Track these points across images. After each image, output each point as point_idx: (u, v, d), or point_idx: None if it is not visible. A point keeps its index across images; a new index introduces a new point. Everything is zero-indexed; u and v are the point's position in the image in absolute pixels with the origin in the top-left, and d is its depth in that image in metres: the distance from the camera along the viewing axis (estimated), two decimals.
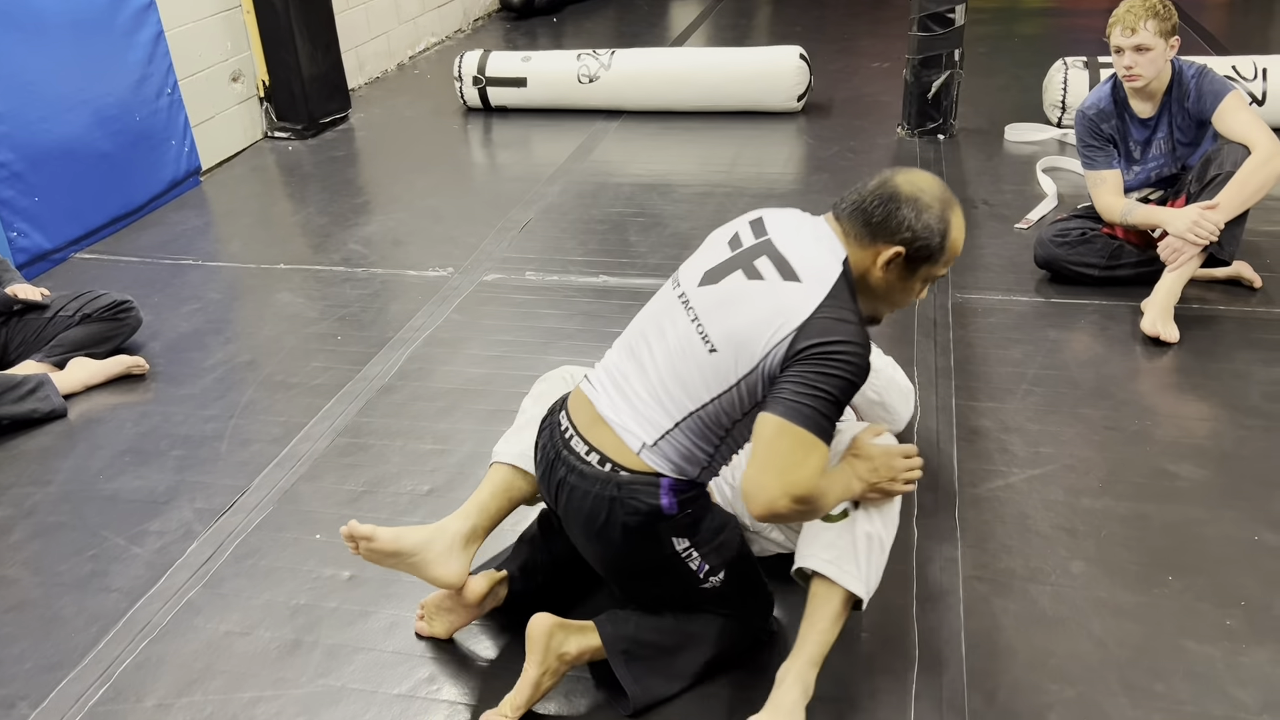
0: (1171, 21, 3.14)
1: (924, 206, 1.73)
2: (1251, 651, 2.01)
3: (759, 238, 1.82)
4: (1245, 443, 2.64)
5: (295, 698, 2.03)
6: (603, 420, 1.83)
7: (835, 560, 1.83)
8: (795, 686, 1.83)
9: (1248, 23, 7.23)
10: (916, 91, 4.91)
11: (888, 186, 1.75)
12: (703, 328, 1.77)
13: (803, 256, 1.75)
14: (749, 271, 1.78)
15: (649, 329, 1.87)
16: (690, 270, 1.88)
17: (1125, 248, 3.41)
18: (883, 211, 1.73)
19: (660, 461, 1.79)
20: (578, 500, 1.84)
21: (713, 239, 1.93)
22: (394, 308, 3.58)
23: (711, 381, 1.75)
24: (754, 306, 1.73)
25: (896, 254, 1.73)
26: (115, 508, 2.63)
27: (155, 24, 4.48)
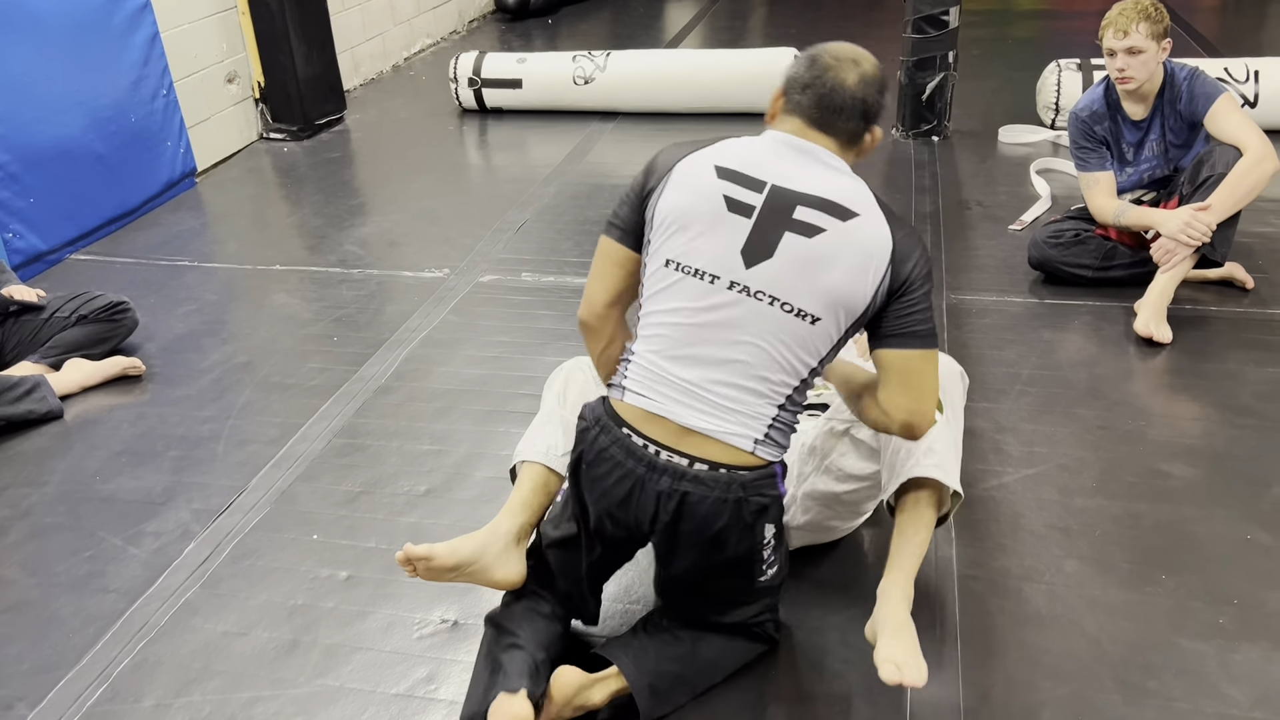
0: (1164, 24, 3.16)
1: (884, 82, 1.82)
2: (1243, 649, 2.02)
3: (761, 190, 1.72)
4: (1237, 442, 2.65)
5: (293, 697, 2.04)
6: (695, 433, 1.74)
7: (940, 464, 1.95)
8: (901, 601, 1.87)
9: (1240, 25, 7.27)
10: (911, 93, 4.93)
11: (868, 78, 1.77)
12: (790, 304, 1.70)
13: (833, 186, 1.73)
14: (798, 228, 1.70)
15: (705, 331, 1.74)
16: (715, 255, 1.72)
17: (1119, 249, 3.43)
18: (876, 102, 1.78)
19: (772, 450, 1.78)
20: (695, 505, 1.74)
21: (699, 213, 1.74)
22: (390, 309, 3.58)
23: (821, 347, 1.74)
24: (839, 260, 1.69)
25: (881, 133, 1.84)
26: (112, 508, 2.64)
27: (151, 25, 4.49)
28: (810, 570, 2.26)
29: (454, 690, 2.04)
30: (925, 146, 4.89)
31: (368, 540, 2.47)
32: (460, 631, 2.18)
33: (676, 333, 1.76)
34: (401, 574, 2.33)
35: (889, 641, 1.79)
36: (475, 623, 2.20)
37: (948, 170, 4.59)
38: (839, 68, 1.76)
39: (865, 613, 2.13)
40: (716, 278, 1.72)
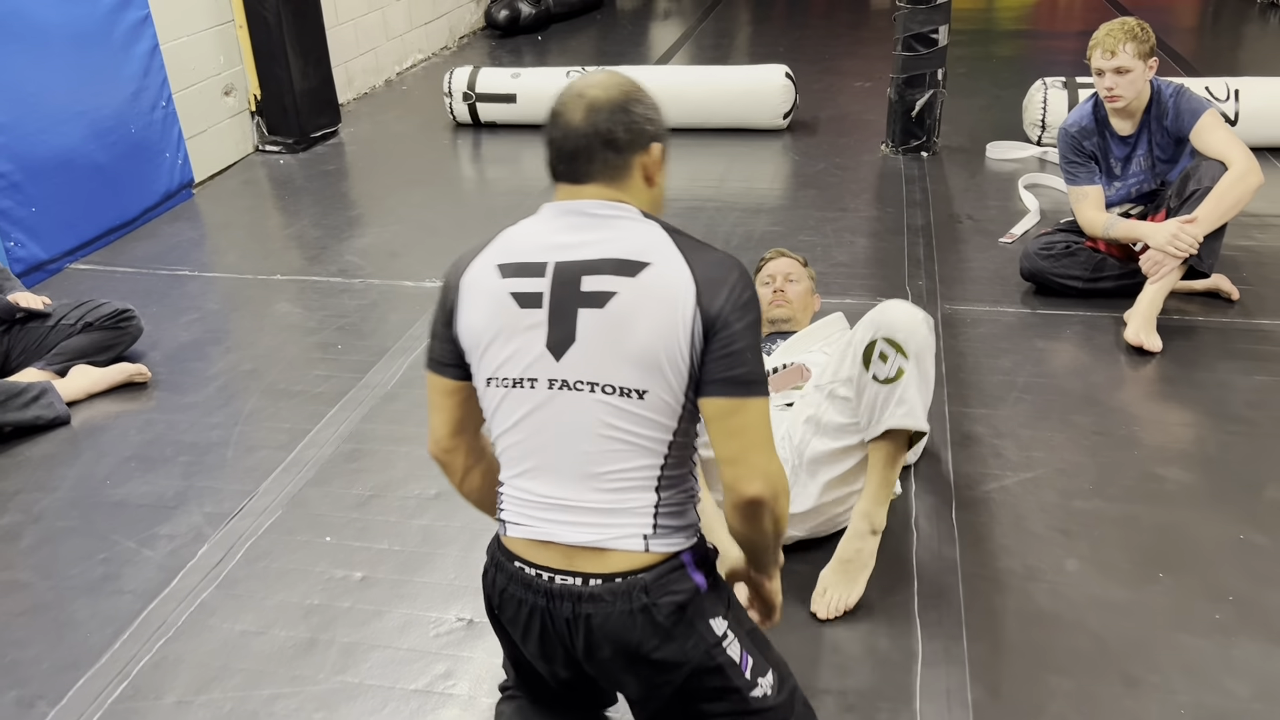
0: (1149, 44, 3.25)
1: (636, 94, 1.54)
2: (1242, 644, 2.09)
3: (543, 274, 1.51)
4: (1229, 448, 2.73)
5: (313, 694, 2.07)
6: (580, 550, 1.53)
7: (910, 412, 2.11)
8: (863, 521, 2.11)
9: (1218, 45, 7.44)
10: (900, 110, 5.02)
11: (601, 105, 1.51)
12: (611, 386, 1.49)
13: (614, 241, 1.50)
14: (589, 300, 1.48)
15: (544, 439, 1.54)
16: (523, 358, 1.53)
17: (1108, 261, 3.51)
18: (624, 126, 1.51)
19: (670, 539, 1.55)
20: (601, 627, 1.53)
21: (490, 325, 1.54)
22: (393, 317, 3.62)
23: (663, 419, 1.50)
24: (639, 320, 1.47)
25: (660, 150, 1.56)
26: (124, 512, 2.66)
27: (151, 38, 4.52)
28: (819, 562, 2.30)
29: (471, 686, 2.07)
30: (915, 162, 4.97)
31: (380, 542, 2.50)
32: (476, 629, 2.21)
33: (521, 450, 1.57)
34: (416, 574, 2.38)
35: (829, 570, 2.16)
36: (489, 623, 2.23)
37: (938, 185, 4.68)
38: (565, 111, 1.54)
39: (873, 604, 2.21)
40: (535, 380, 1.53)
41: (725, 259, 1.52)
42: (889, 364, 2.12)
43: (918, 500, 2.54)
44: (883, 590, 2.26)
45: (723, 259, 1.52)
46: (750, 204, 4.51)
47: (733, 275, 1.50)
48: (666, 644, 1.54)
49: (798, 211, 4.45)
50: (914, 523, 2.47)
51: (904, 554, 2.37)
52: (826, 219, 4.33)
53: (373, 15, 6.63)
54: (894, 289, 3.64)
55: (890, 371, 2.12)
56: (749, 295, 1.50)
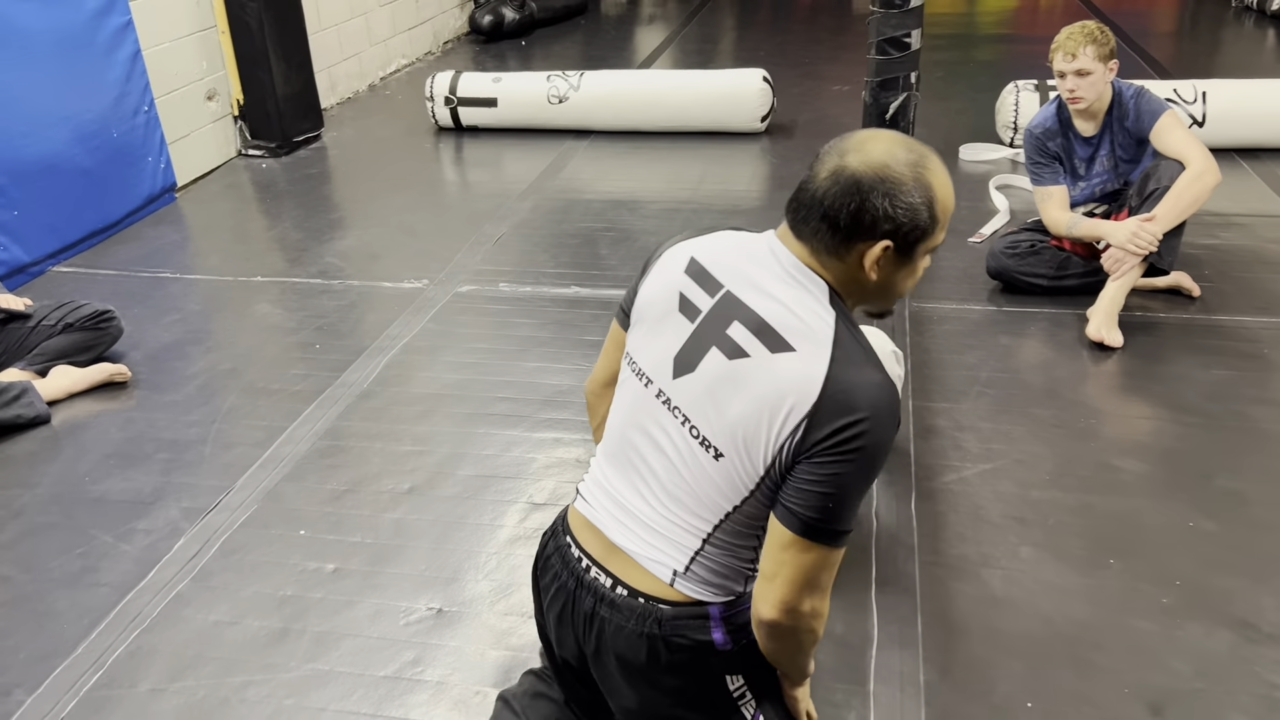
0: (1109, 46, 3.32)
1: (896, 185, 1.35)
2: (1186, 626, 2.15)
3: (715, 294, 1.47)
4: (1184, 439, 2.80)
5: (285, 681, 2.12)
6: (619, 551, 1.53)
7: None
8: None
9: (1194, 49, 7.53)
10: (875, 112, 5.08)
11: (845, 176, 1.37)
12: (697, 430, 1.45)
13: (782, 310, 1.41)
14: (726, 347, 1.43)
15: (634, 435, 1.54)
16: (655, 357, 1.51)
17: (1072, 259, 3.58)
18: (850, 211, 1.36)
19: (700, 588, 1.50)
20: (612, 636, 1.53)
21: (658, 306, 1.53)
22: (371, 318, 3.67)
23: (727, 490, 1.44)
24: (747, 393, 1.39)
25: (885, 249, 1.38)
26: (103, 508, 2.71)
27: (133, 43, 4.57)
28: None
29: (440, 672, 2.13)
30: None
31: (353, 535, 2.55)
32: (445, 618, 2.27)
33: (615, 435, 1.59)
34: (388, 565, 2.44)
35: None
36: (459, 610, 2.29)
37: None
38: (821, 160, 1.42)
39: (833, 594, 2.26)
40: (651, 382, 1.51)
41: (878, 393, 1.36)
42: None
43: (879, 491, 2.61)
44: (841, 577, 2.29)
45: (875, 391, 1.36)
46: (726, 205, 4.58)
47: (872, 412, 1.34)
48: (669, 674, 1.52)
49: (773, 213, 4.50)
50: (874, 512, 2.53)
51: (863, 543, 2.43)
52: None
53: (356, 21, 6.68)
54: None
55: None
56: (871, 442, 1.34)
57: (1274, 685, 2.01)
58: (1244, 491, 2.57)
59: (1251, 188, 4.51)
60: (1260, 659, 2.07)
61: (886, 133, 1.42)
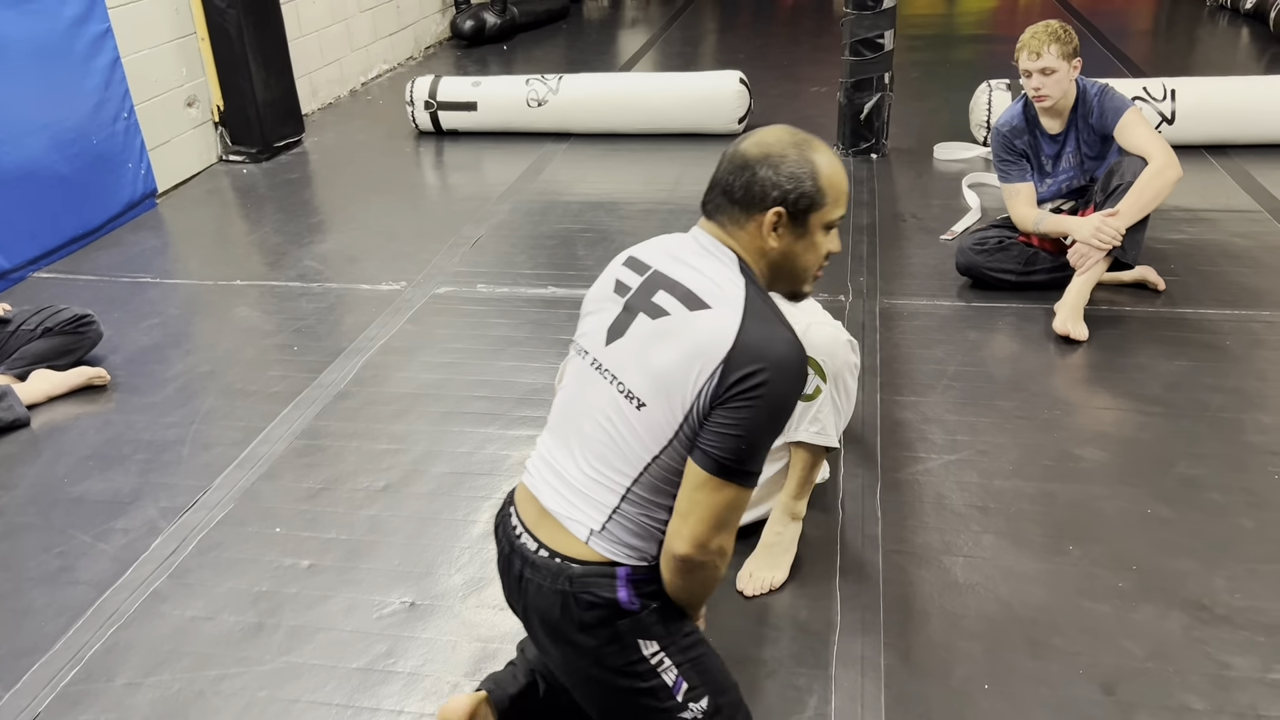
0: (1073, 45, 3.39)
1: (779, 158, 1.60)
2: (1141, 609, 2.21)
3: (643, 274, 1.69)
4: (1145, 428, 2.85)
5: (259, 673, 2.16)
6: (548, 514, 1.69)
7: (822, 430, 2.24)
8: (778, 520, 2.34)
9: (1169, 49, 7.61)
10: (849, 113, 5.15)
11: (736, 157, 1.63)
12: (623, 385, 1.63)
13: (700, 276, 1.63)
14: (651, 311, 1.64)
15: (572, 407, 1.73)
16: (592, 334, 1.72)
17: (1040, 254, 3.64)
18: (743, 182, 1.61)
19: (613, 547, 1.64)
20: (533, 595, 1.68)
21: (597, 296, 1.76)
22: (349, 320, 3.71)
23: (648, 439, 1.60)
24: (670, 346, 1.59)
25: (778, 215, 1.60)
26: (81, 508, 2.74)
27: (112, 50, 4.60)
28: (752, 541, 2.41)
29: (413, 663, 2.17)
30: (864, 164, 5.10)
31: (328, 532, 2.59)
32: (418, 611, 2.31)
33: (557, 409, 1.78)
34: (362, 561, 2.48)
35: (753, 557, 2.35)
36: (432, 603, 2.33)
37: (885, 185, 4.81)
38: (727, 152, 1.67)
39: (798, 583, 2.32)
40: (587, 353, 1.72)
41: (786, 347, 1.55)
42: (808, 382, 2.18)
43: (845, 483, 2.66)
44: (806, 566, 2.37)
45: (783, 345, 1.55)
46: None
47: (779, 364, 1.53)
48: (582, 633, 1.64)
49: None
50: (840, 503, 2.58)
51: (829, 533, 2.48)
52: None
53: (336, 27, 6.72)
54: (836, 286, 3.75)
55: (808, 389, 2.22)
56: (778, 391, 1.53)
57: (1224, 664, 2.06)
58: (1201, 478, 2.62)
59: (1219, 183, 4.58)
60: (1212, 639, 2.12)
61: (780, 126, 1.67)
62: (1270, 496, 2.55)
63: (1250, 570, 2.30)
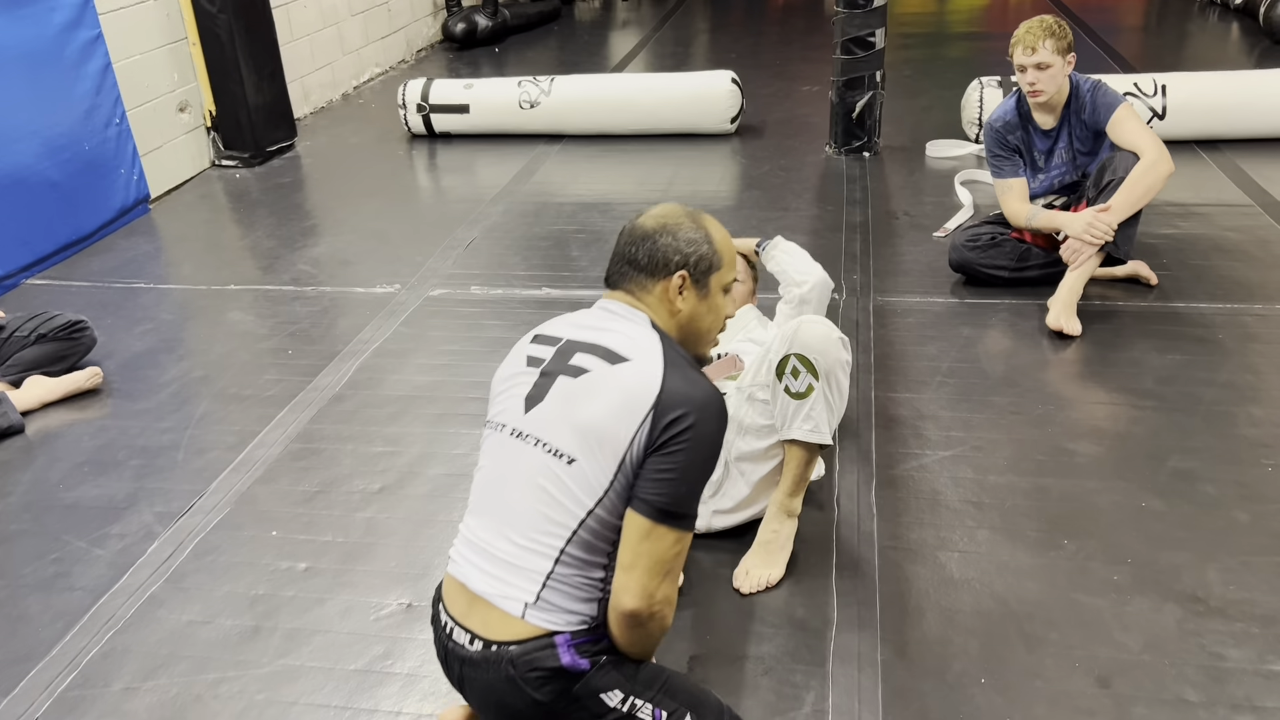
0: (1067, 40, 3.39)
1: (675, 226, 1.74)
2: (1135, 602, 2.21)
3: (555, 345, 1.73)
4: (1138, 422, 2.86)
5: (257, 677, 2.16)
6: (478, 599, 1.66)
7: (815, 428, 2.25)
8: (774, 518, 2.35)
9: (1160, 45, 7.63)
10: (841, 111, 5.16)
11: (635, 230, 1.76)
12: (549, 445, 1.63)
13: (615, 335, 1.69)
14: (572, 372, 1.67)
15: (493, 483, 1.72)
16: (508, 408, 1.73)
17: (1033, 250, 3.65)
18: (645, 250, 1.73)
19: (550, 616, 1.62)
20: (481, 692, 1.68)
21: (506, 375, 1.78)
22: (343, 323, 3.71)
23: (581, 494, 1.60)
24: (597, 399, 1.62)
25: (683, 277, 1.72)
26: (76, 514, 2.74)
27: (103, 56, 4.60)
28: (747, 539, 2.42)
29: (410, 665, 2.17)
30: (856, 162, 5.11)
31: (325, 535, 2.59)
32: (414, 613, 2.31)
33: (476, 488, 1.77)
34: (359, 563, 2.48)
35: (749, 554, 2.36)
36: (429, 604, 2.32)
37: (877, 184, 4.82)
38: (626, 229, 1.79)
39: (795, 580, 2.33)
40: (504, 426, 1.72)
41: (708, 392, 1.62)
42: (800, 380, 2.24)
43: (840, 480, 2.66)
44: (802, 563, 2.38)
45: (705, 390, 1.62)
46: (696, 206, 4.54)
47: (704, 407, 1.59)
48: (540, 708, 1.62)
49: (742, 212, 4.57)
50: (835, 500, 2.59)
51: (824, 530, 2.49)
52: (769, 218, 4.45)
53: (328, 31, 6.72)
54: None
55: (801, 387, 2.24)
56: (707, 433, 1.59)
57: (1219, 656, 2.07)
58: (1194, 471, 2.63)
59: (1210, 178, 4.60)
60: (1206, 631, 2.13)
61: (670, 203, 1.84)
62: (1263, 489, 2.55)
63: (1244, 562, 2.31)
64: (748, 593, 2.30)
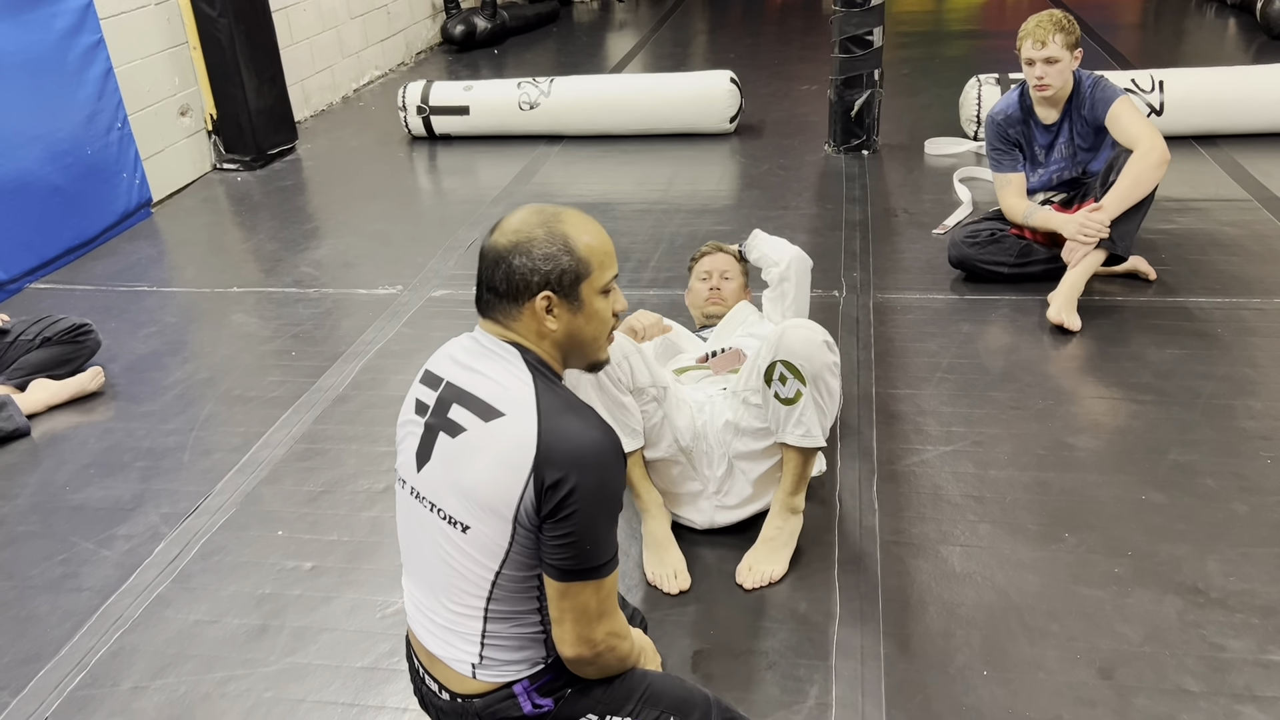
0: (1076, 35, 3.41)
1: (528, 243, 1.54)
2: (1136, 594, 2.23)
3: (437, 388, 1.61)
4: (1138, 416, 2.88)
5: (264, 675, 2.18)
6: (435, 657, 1.66)
7: (807, 433, 2.27)
8: (777, 514, 2.38)
9: (1156, 40, 7.64)
10: (840, 110, 5.18)
11: (490, 252, 1.57)
12: (443, 511, 1.57)
13: (488, 382, 1.56)
14: (450, 429, 1.57)
15: (411, 543, 1.68)
16: (405, 461, 1.66)
17: (1034, 246, 3.66)
18: (502, 275, 1.55)
19: (501, 670, 1.61)
20: None
21: (404, 420, 1.68)
22: (346, 324, 3.73)
23: (483, 559, 1.54)
24: (476, 463, 1.53)
25: (547, 299, 1.55)
26: (83, 516, 2.75)
27: (105, 61, 4.62)
28: (752, 534, 2.43)
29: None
30: (855, 161, 5.13)
31: (330, 534, 2.61)
32: None
33: (402, 544, 1.72)
34: (365, 562, 2.50)
35: (752, 550, 2.39)
36: None
37: (876, 182, 4.83)
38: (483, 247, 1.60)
39: (797, 575, 2.34)
40: (405, 482, 1.66)
41: (587, 440, 1.49)
42: (788, 386, 2.24)
43: (841, 476, 2.68)
44: (805, 559, 2.39)
45: (584, 439, 1.49)
46: (696, 205, 4.65)
47: (583, 463, 1.48)
48: None
49: (741, 211, 4.59)
50: (837, 496, 2.60)
51: (827, 525, 2.50)
52: (769, 217, 4.46)
53: (328, 34, 6.74)
54: (830, 281, 3.78)
55: (789, 393, 2.25)
56: (594, 488, 1.48)
57: (1219, 647, 2.08)
58: (1194, 464, 2.65)
59: (1208, 173, 4.61)
60: (1207, 622, 2.14)
61: (523, 207, 1.60)
62: (1262, 481, 2.57)
63: (1244, 554, 2.33)
64: (750, 588, 2.32)
